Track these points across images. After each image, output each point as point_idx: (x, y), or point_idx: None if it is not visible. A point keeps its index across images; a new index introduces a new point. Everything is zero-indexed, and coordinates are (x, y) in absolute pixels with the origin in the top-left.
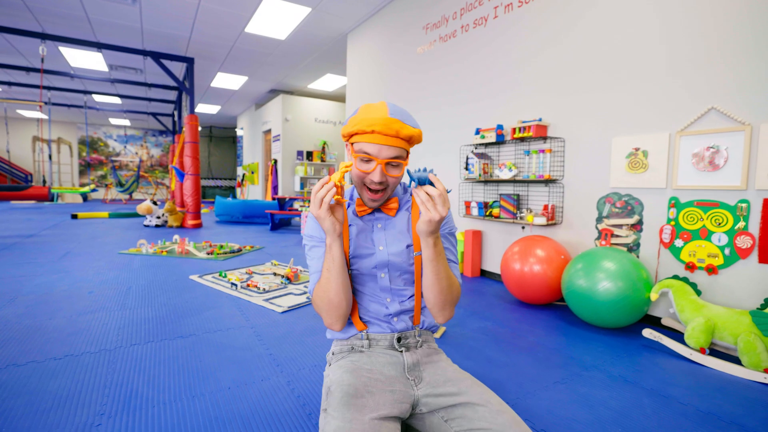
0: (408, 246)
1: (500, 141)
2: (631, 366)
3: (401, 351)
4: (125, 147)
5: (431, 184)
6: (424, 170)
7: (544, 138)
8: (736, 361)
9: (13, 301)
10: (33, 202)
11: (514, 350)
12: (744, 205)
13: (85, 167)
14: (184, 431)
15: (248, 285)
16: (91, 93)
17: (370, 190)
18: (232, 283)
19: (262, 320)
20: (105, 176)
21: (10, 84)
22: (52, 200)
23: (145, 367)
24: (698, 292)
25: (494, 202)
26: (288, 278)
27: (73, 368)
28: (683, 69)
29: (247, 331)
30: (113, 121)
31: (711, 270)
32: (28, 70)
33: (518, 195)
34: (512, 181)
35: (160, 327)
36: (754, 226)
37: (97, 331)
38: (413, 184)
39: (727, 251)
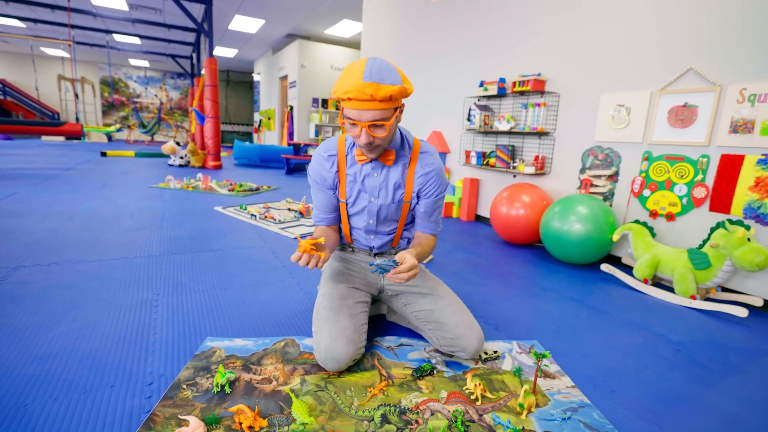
0: (398, 201)
1: (501, 94)
2: (583, 290)
3: (374, 255)
4: (146, 89)
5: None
6: (388, 262)
7: (542, 92)
8: (672, 290)
9: (71, 219)
10: (62, 138)
11: (488, 275)
12: (705, 159)
13: (108, 108)
14: (218, 308)
15: (266, 216)
16: (112, 32)
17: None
18: (252, 214)
19: (278, 243)
20: (127, 117)
21: (35, 21)
22: (78, 139)
23: (185, 268)
24: (653, 235)
25: (491, 152)
26: (300, 213)
27: (129, 266)
28: (669, 31)
29: (265, 250)
30: (133, 62)
31: (669, 217)
32: (53, 7)
33: (513, 146)
34: (509, 133)
35: (193, 243)
36: (710, 179)
37: (143, 242)
38: (381, 273)
39: (684, 200)
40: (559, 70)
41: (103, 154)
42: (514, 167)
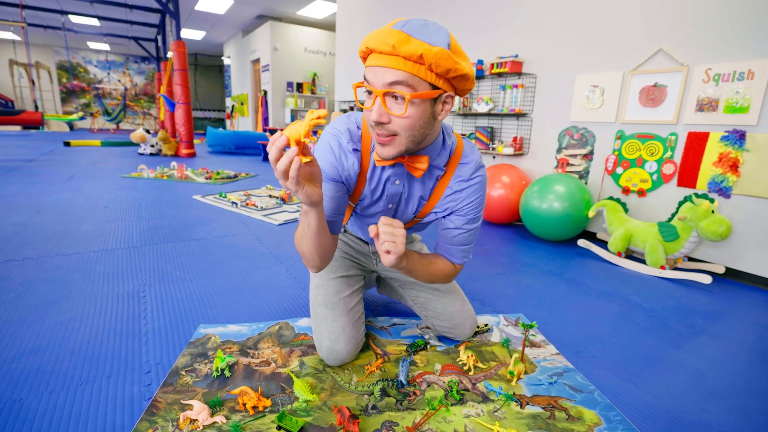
0: (416, 212)
1: (480, 76)
2: (562, 265)
3: (368, 243)
4: (108, 74)
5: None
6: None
7: (519, 74)
8: (643, 262)
9: (40, 212)
10: (19, 128)
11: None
12: (673, 137)
13: (68, 94)
14: (208, 296)
15: (247, 204)
16: (68, 13)
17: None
18: (233, 202)
19: (262, 230)
20: (89, 104)
21: None
22: (37, 128)
23: (170, 258)
24: (626, 210)
25: (471, 134)
26: (282, 199)
27: (110, 258)
28: (641, 12)
29: (250, 237)
30: (92, 45)
31: (641, 193)
32: None
33: (492, 127)
34: (488, 115)
35: (175, 232)
36: (678, 156)
37: (122, 234)
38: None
39: (655, 177)
40: (536, 52)
41: (67, 144)
42: (493, 148)
